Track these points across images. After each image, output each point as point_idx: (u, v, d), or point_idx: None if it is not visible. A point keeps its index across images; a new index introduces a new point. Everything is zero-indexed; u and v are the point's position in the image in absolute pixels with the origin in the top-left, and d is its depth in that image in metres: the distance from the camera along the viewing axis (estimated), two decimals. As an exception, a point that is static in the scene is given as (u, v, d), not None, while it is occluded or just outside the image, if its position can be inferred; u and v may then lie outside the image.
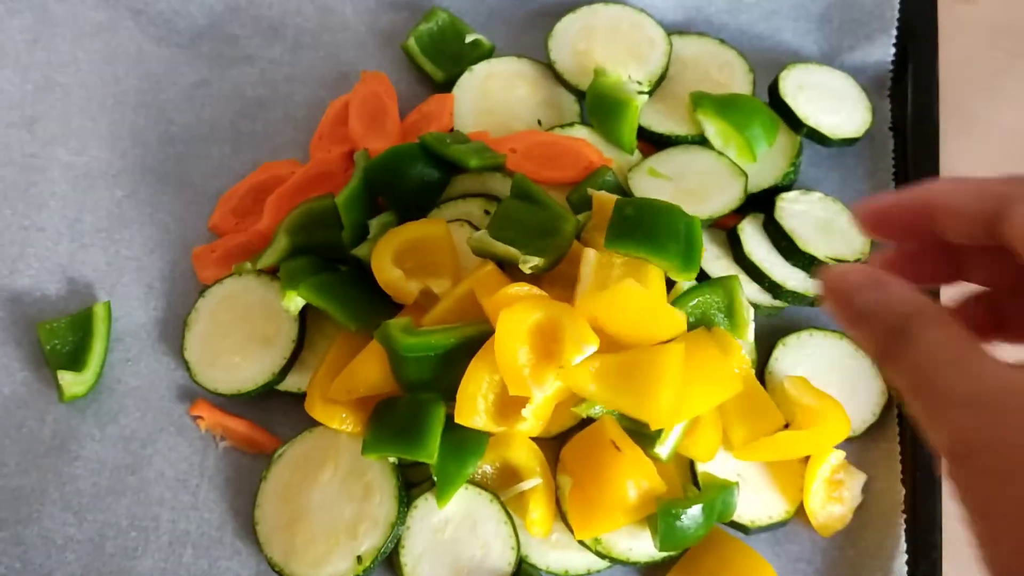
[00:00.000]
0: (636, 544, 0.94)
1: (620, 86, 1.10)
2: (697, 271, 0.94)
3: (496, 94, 1.15)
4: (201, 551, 0.99)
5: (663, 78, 1.14)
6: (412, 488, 0.97)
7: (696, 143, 1.11)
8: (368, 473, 0.96)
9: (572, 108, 1.15)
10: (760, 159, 1.08)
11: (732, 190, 1.06)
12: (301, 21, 1.21)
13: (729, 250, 1.06)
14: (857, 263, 0.78)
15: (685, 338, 0.93)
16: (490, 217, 1.01)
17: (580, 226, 0.99)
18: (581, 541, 0.94)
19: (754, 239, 1.05)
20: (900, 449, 1.01)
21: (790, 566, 0.98)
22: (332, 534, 0.94)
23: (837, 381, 1.03)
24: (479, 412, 0.90)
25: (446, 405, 0.93)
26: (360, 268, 1.03)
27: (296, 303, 1.00)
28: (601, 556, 0.95)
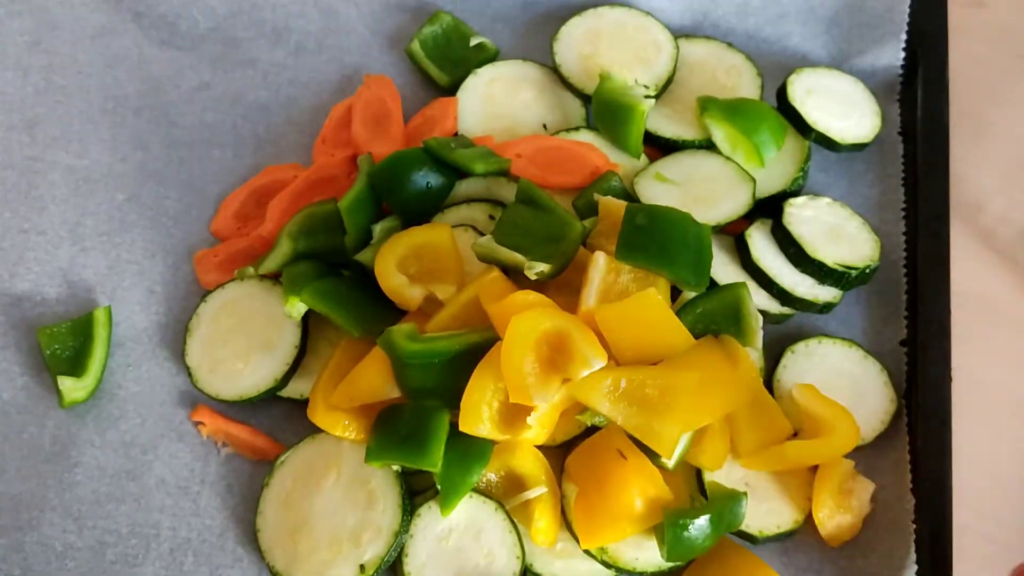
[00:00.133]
0: (642, 554, 0.93)
1: (626, 91, 1.08)
2: (707, 284, 0.93)
3: (501, 98, 1.14)
4: (202, 559, 0.98)
5: (670, 82, 1.13)
6: (416, 496, 0.96)
7: (703, 147, 1.09)
8: (371, 481, 0.95)
9: (578, 112, 1.14)
10: (768, 164, 1.07)
11: (740, 196, 1.04)
12: (304, 24, 1.20)
13: (737, 256, 1.05)
14: None
15: (693, 347, 0.92)
16: (495, 222, 1.01)
17: (586, 232, 0.98)
18: (587, 550, 0.93)
19: (762, 245, 1.04)
20: (910, 458, 0.99)
21: (799, 576, 0.97)
22: (335, 542, 0.93)
23: (846, 389, 1.02)
24: (483, 420, 0.89)
25: (450, 412, 0.92)
26: (363, 273, 1.02)
27: (299, 309, 0.99)
28: (607, 566, 0.93)
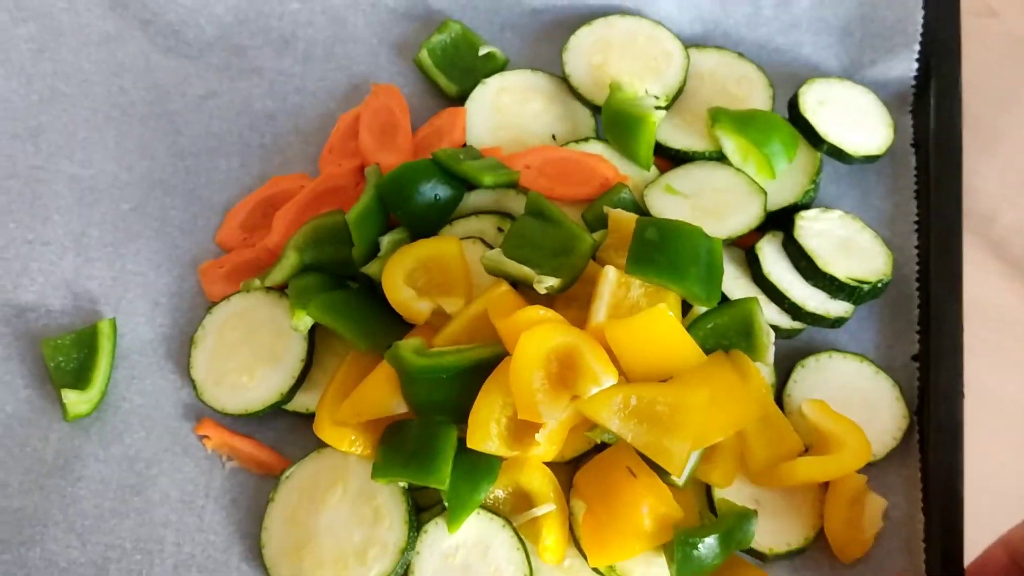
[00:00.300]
0: (651, 572, 0.92)
1: (637, 101, 1.07)
2: (718, 299, 0.92)
3: (509, 108, 1.13)
4: (207, 574, 0.97)
5: (680, 92, 1.12)
6: (422, 512, 0.95)
7: (714, 159, 1.08)
8: (378, 497, 0.94)
9: (587, 122, 1.13)
10: (779, 176, 1.06)
11: (751, 208, 1.03)
12: (312, 32, 1.19)
13: (747, 270, 1.04)
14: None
15: (704, 363, 0.91)
16: (504, 235, 0.99)
17: (596, 245, 0.97)
18: (595, 568, 0.92)
19: (773, 259, 1.03)
20: (922, 475, 0.98)
21: (809, 594, 0.96)
22: (340, 559, 0.92)
23: (857, 404, 1.01)
24: (492, 437, 0.88)
25: (458, 428, 0.91)
26: (370, 286, 1.02)
27: (306, 322, 0.98)
28: (615, 584, 0.92)
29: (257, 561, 0.96)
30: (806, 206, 1.07)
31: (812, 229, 1.03)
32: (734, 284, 1.02)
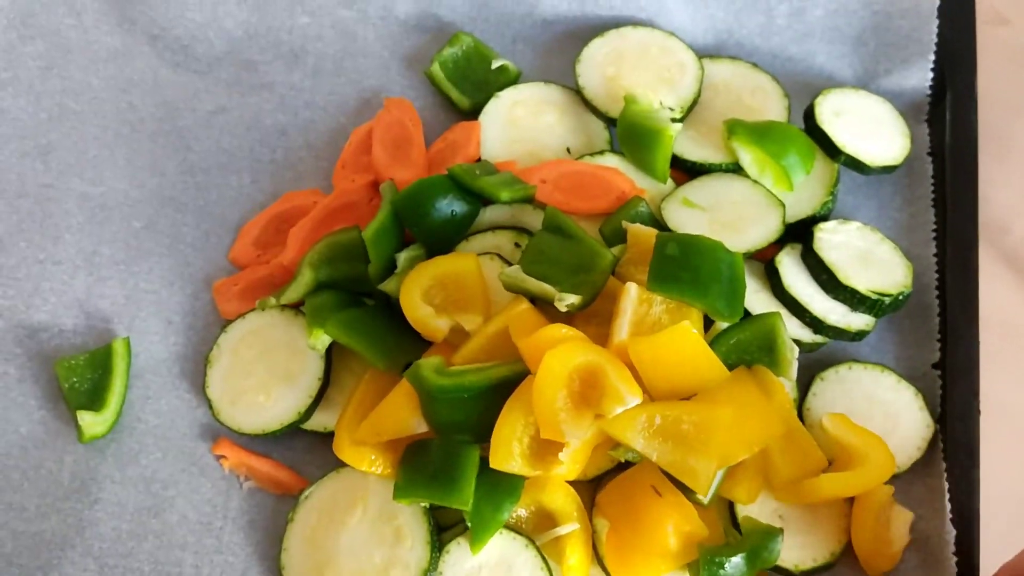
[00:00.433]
0: (676, 591, 0.92)
1: (652, 114, 1.06)
2: (741, 315, 0.91)
3: (523, 121, 1.12)
4: (226, 597, 0.96)
5: (695, 104, 1.11)
6: (444, 532, 0.94)
7: (730, 171, 1.08)
8: (399, 516, 0.93)
9: (602, 135, 1.12)
10: (797, 188, 1.05)
11: (770, 221, 1.03)
12: (322, 46, 1.18)
13: (767, 283, 1.03)
14: None
15: (727, 379, 0.90)
16: (522, 251, 0.99)
17: (615, 261, 0.96)
18: (619, 587, 0.92)
19: (793, 272, 1.02)
20: (948, 487, 0.98)
21: (836, 610, 0.95)
22: (362, 580, 0.92)
23: (880, 416, 1.00)
24: (515, 456, 0.88)
25: (480, 447, 0.90)
26: (387, 302, 1.01)
27: (323, 341, 0.97)
28: (640, 603, 0.92)
29: (277, 583, 0.95)
30: (824, 218, 1.06)
31: (831, 241, 1.03)
32: (754, 298, 1.02)
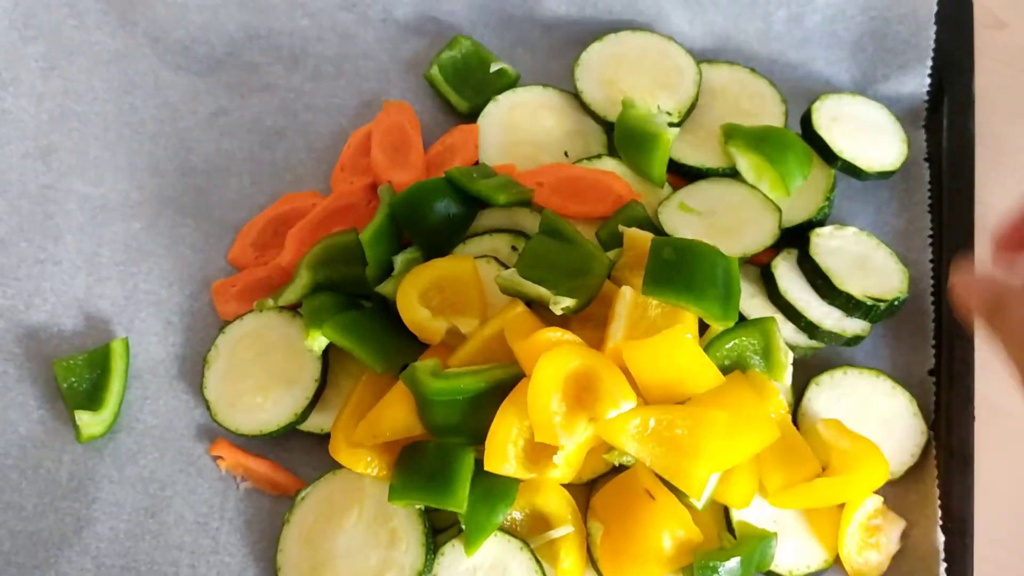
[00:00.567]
0: (670, 594, 0.92)
1: (650, 119, 1.07)
2: (736, 319, 0.92)
3: (522, 125, 1.12)
4: (222, 597, 0.97)
5: (693, 108, 1.12)
6: (439, 534, 0.95)
7: (727, 175, 1.08)
8: (394, 519, 0.93)
9: (599, 139, 1.13)
10: (793, 193, 1.05)
11: (766, 226, 1.03)
12: (322, 49, 1.18)
13: (763, 288, 1.03)
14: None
15: (722, 384, 0.91)
16: (519, 255, 0.99)
17: (611, 264, 0.97)
18: (613, 590, 0.92)
19: (788, 277, 1.02)
20: (940, 493, 0.98)
21: (828, 616, 0.95)
22: (357, 582, 0.92)
23: (874, 421, 1.00)
24: (509, 459, 0.88)
25: (475, 450, 0.91)
26: (384, 305, 1.01)
27: (320, 343, 0.97)
28: (634, 606, 0.92)
29: (273, 584, 0.96)
30: (820, 223, 1.06)
31: (827, 246, 1.03)
32: (749, 303, 1.02)
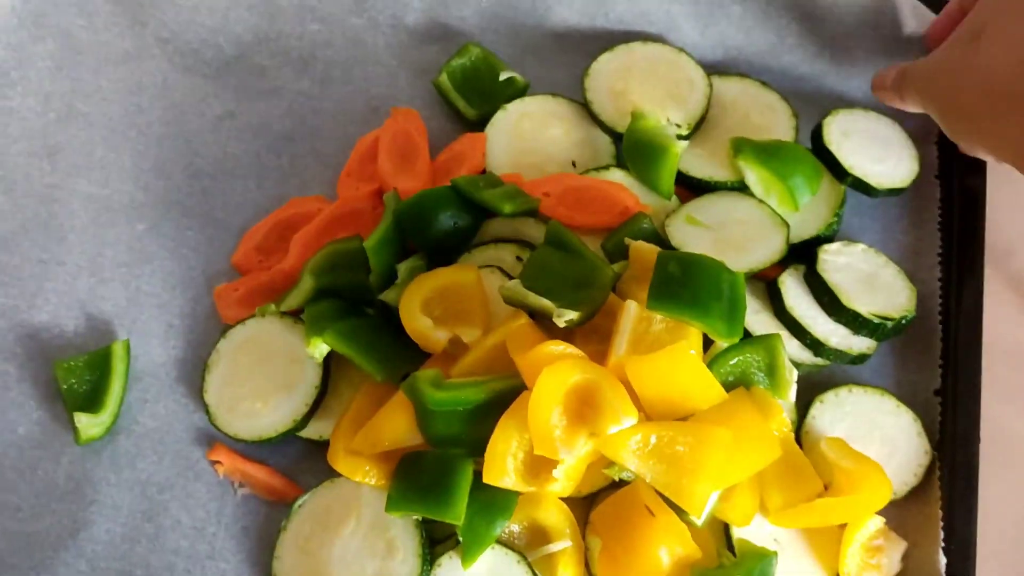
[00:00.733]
0: (668, 611, 0.91)
1: (659, 131, 1.06)
2: (741, 335, 0.91)
3: (530, 134, 1.11)
4: (217, 603, 0.96)
5: (703, 120, 1.11)
6: (436, 545, 0.94)
7: (735, 189, 1.07)
8: (391, 529, 0.93)
9: (607, 149, 1.12)
10: (802, 208, 1.04)
11: (774, 241, 1.02)
12: (331, 53, 1.18)
13: (769, 303, 1.03)
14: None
15: (724, 401, 0.90)
16: (523, 265, 0.98)
17: (616, 277, 0.96)
18: (611, 606, 0.91)
19: (795, 293, 1.01)
20: (943, 515, 0.97)
21: (827, 637, 0.94)
22: (353, 591, 0.91)
23: (878, 440, 0.99)
24: (508, 472, 0.87)
25: (474, 461, 0.90)
26: (387, 312, 1.00)
27: (321, 350, 0.97)
28: (631, 623, 0.91)
29: (268, 591, 0.95)
30: (829, 239, 1.05)
31: (835, 263, 1.02)
32: (755, 319, 1.01)
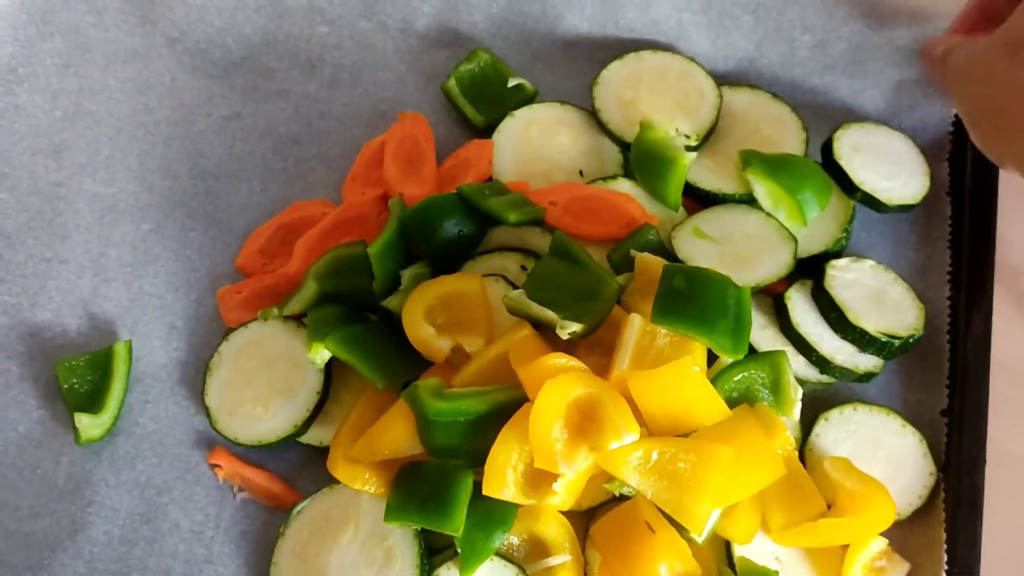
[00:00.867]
0: (666, 628, 0.90)
1: (667, 142, 1.05)
2: (746, 352, 0.90)
3: (537, 141, 1.11)
4: (213, 608, 0.96)
5: (712, 132, 1.10)
6: (435, 555, 0.93)
7: (743, 202, 1.06)
8: (390, 538, 0.92)
9: (615, 158, 1.11)
10: (810, 223, 1.03)
11: (781, 256, 1.01)
12: (340, 57, 1.17)
13: (775, 319, 1.02)
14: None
15: (728, 417, 0.89)
16: (528, 275, 0.98)
17: (621, 289, 0.95)
18: (609, 622, 0.90)
19: (802, 308, 1.00)
20: (946, 537, 0.96)
21: (827, 657, 0.94)
22: (350, 601, 0.91)
23: (883, 460, 0.98)
24: (508, 484, 0.87)
25: (474, 472, 0.89)
26: (389, 319, 1.00)
27: (323, 356, 0.96)
28: (629, 638, 0.90)
29: (265, 597, 0.95)
30: (837, 254, 1.04)
31: (843, 279, 1.01)
32: (760, 334, 1.00)
